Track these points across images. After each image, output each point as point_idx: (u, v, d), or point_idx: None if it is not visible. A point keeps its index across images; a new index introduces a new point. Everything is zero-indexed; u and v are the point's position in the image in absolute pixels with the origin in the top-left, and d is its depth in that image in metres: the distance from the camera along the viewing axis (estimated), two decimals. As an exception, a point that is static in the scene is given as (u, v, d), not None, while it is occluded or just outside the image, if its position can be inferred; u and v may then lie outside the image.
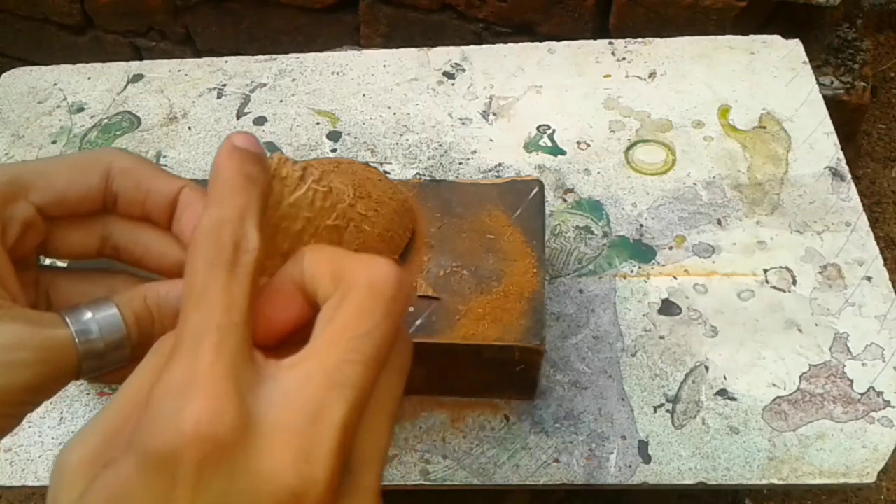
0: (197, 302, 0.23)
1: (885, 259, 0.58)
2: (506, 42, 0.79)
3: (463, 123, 0.69)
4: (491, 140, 0.68)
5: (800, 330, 0.54)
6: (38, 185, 0.29)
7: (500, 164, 0.66)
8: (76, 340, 0.26)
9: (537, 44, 0.76)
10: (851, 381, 0.51)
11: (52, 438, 0.53)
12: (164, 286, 0.29)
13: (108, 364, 0.27)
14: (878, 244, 0.58)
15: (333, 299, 0.24)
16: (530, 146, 0.67)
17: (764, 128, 0.67)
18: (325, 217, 0.29)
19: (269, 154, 0.28)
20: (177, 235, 0.30)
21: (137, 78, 0.76)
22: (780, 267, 0.58)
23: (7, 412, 0.25)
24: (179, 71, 0.77)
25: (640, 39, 0.75)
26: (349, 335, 0.23)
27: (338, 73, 0.75)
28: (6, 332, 0.25)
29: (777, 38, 0.74)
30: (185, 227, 0.29)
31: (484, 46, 0.76)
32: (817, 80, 0.70)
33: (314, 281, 0.25)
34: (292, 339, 0.26)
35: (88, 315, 0.27)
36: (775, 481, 0.48)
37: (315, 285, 0.25)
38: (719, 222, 0.61)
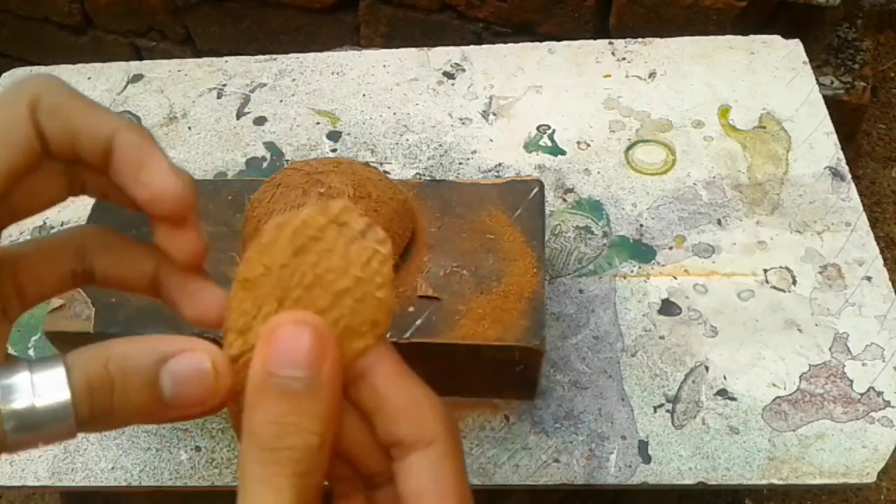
0: None
1: (885, 259, 0.58)
2: (506, 42, 0.79)
3: (463, 123, 0.69)
4: (491, 140, 0.68)
5: (800, 330, 0.54)
6: None
7: (500, 164, 0.66)
8: (1, 409, 0.21)
9: (537, 44, 0.76)
10: (851, 381, 0.51)
11: (52, 438, 0.53)
12: (133, 347, 0.23)
13: (41, 439, 0.22)
14: (878, 244, 0.58)
15: (431, 455, 0.25)
16: (530, 146, 0.67)
17: (764, 128, 0.67)
18: (375, 285, 0.25)
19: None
20: (116, 182, 0.24)
21: (137, 78, 0.76)
22: (780, 267, 0.58)
23: None
24: (179, 71, 0.77)
25: (640, 39, 0.75)
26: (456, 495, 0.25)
27: (338, 73, 0.75)
28: None
29: (777, 38, 0.74)
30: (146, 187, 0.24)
31: (484, 46, 0.76)
32: (817, 80, 0.70)
33: (390, 411, 0.25)
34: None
35: (23, 376, 0.22)
36: (775, 481, 0.48)
37: (391, 415, 0.24)
38: (719, 222, 0.61)
